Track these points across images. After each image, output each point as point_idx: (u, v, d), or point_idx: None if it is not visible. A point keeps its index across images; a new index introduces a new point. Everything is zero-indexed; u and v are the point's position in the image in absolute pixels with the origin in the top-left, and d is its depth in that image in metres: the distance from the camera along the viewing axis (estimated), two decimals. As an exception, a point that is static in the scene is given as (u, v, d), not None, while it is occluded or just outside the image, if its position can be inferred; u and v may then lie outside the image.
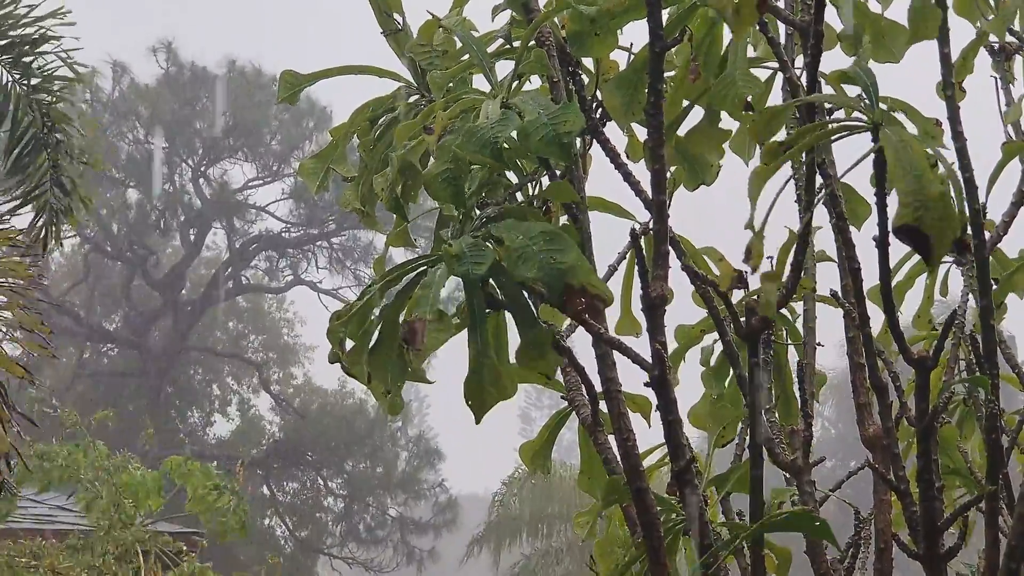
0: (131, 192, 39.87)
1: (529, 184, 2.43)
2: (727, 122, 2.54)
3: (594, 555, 2.80)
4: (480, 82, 2.46)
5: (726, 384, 2.89)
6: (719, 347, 2.87)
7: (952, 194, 1.90)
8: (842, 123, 2.07)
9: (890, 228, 1.88)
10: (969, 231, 2.45)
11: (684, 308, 2.68)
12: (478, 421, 2.16)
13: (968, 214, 2.44)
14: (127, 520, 12.98)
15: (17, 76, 10.72)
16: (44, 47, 10.70)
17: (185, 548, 13.54)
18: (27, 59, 10.61)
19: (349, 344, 2.22)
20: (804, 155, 2.18)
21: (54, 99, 10.74)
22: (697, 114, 2.52)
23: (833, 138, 2.10)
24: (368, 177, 2.59)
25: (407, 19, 2.66)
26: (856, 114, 2.09)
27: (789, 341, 2.88)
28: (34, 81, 10.69)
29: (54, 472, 12.96)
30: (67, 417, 13.25)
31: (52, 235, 10.87)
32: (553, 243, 2.04)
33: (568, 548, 30.21)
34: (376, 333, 2.18)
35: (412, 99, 2.60)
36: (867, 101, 2.04)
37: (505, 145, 2.15)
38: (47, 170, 10.68)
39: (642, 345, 2.29)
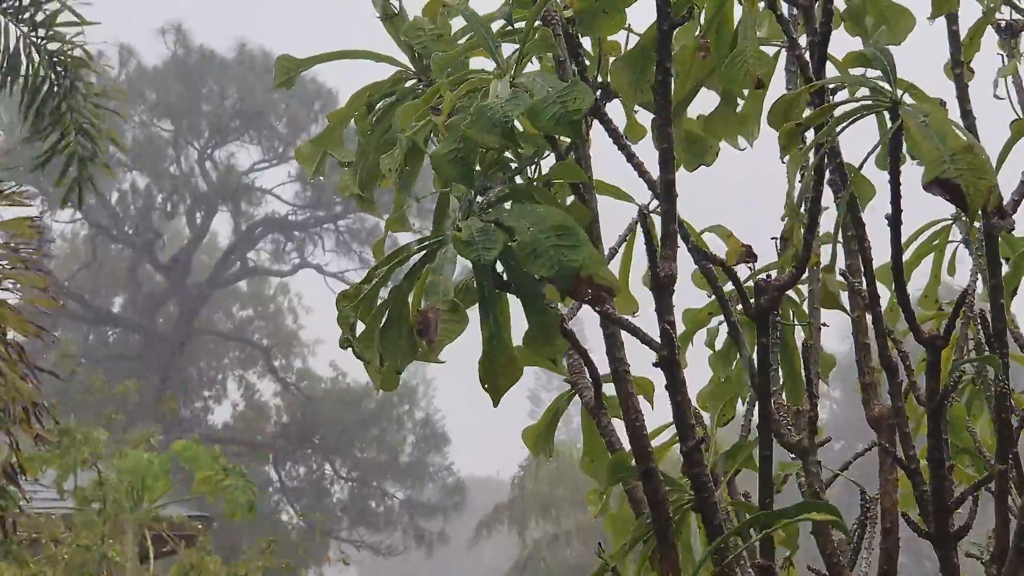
0: (137, 175, 39.90)
1: (531, 165, 2.42)
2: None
3: (607, 531, 2.79)
4: (477, 64, 2.45)
5: (733, 366, 2.89)
6: (725, 329, 2.86)
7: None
8: (862, 102, 2.06)
9: (921, 185, 1.88)
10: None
11: (689, 290, 2.68)
12: (496, 404, 2.15)
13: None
14: (136, 501, 13.03)
15: (26, 29, 10.70)
16: None
17: (195, 532, 13.57)
18: (31, 11, 10.56)
19: (359, 327, 2.21)
20: (812, 134, 2.18)
21: (64, 45, 10.69)
22: (704, 94, 2.52)
23: (852, 118, 2.09)
24: (366, 162, 2.59)
25: (404, 3, 2.66)
26: (863, 92, 2.08)
27: (796, 321, 2.88)
28: (41, 32, 10.66)
29: (71, 452, 12.97)
30: (95, 381, 13.13)
31: (84, 184, 10.78)
32: (565, 237, 2.02)
33: (578, 531, 30.29)
34: (386, 315, 2.17)
35: (409, 83, 2.60)
36: (884, 82, 2.03)
37: (517, 125, 2.14)
38: (69, 119, 10.63)
39: (647, 325, 2.29)
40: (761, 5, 2.49)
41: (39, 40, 10.66)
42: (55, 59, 10.62)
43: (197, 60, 39.79)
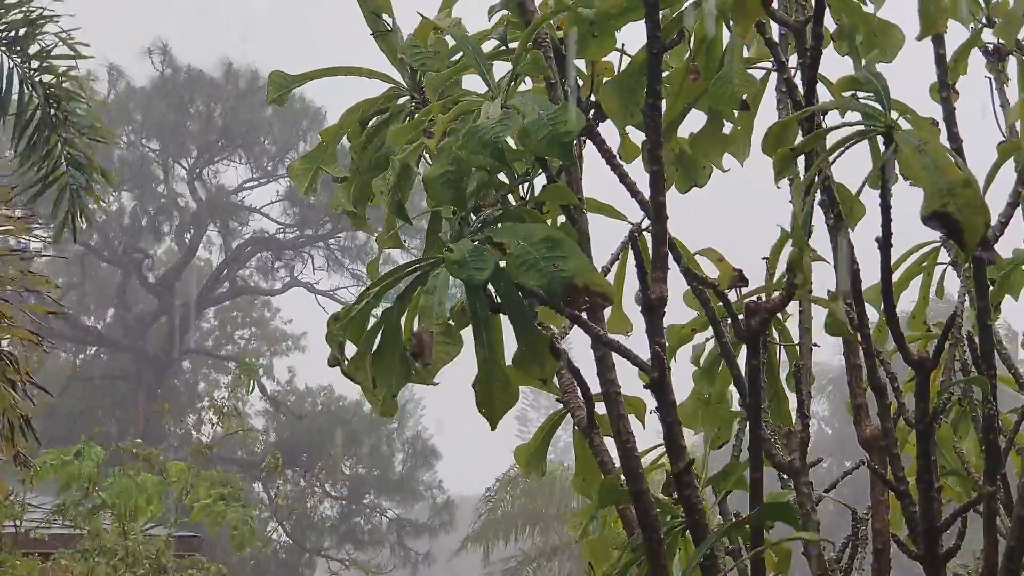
0: (126, 195, 39.81)
1: (523, 185, 2.43)
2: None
3: (585, 555, 2.79)
4: (470, 83, 2.45)
5: (715, 384, 2.89)
6: (710, 346, 2.87)
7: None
8: (856, 126, 2.06)
9: (917, 218, 1.89)
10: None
11: (675, 307, 2.68)
12: (493, 428, 2.15)
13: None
14: (128, 526, 12.95)
15: (19, 60, 10.68)
16: (44, 29, 10.67)
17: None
18: (26, 43, 10.56)
19: (350, 348, 2.20)
20: (803, 156, 2.18)
21: (58, 78, 10.68)
22: (694, 116, 2.52)
23: (847, 144, 2.09)
24: (359, 178, 2.59)
25: (396, 20, 2.66)
26: (852, 115, 2.08)
27: (780, 341, 2.88)
28: (35, 64, 10.65)
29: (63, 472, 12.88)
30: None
31: (79, 216, 10.76)
32: (555, 249, 2.02)
33: (560, 548, 30.17)
34: (378, 338, 2.17)
35: (402, 100, 2.60)
36: (878, 105, 2.03)
37: (511, 144, 2.14)
38: (60, 151, 10.61)
39: (636, 345, 2.29)
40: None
41: (32, 72, 10.65)
42: (47, 91, 10.60)
43: (184, 80, 39.76)
